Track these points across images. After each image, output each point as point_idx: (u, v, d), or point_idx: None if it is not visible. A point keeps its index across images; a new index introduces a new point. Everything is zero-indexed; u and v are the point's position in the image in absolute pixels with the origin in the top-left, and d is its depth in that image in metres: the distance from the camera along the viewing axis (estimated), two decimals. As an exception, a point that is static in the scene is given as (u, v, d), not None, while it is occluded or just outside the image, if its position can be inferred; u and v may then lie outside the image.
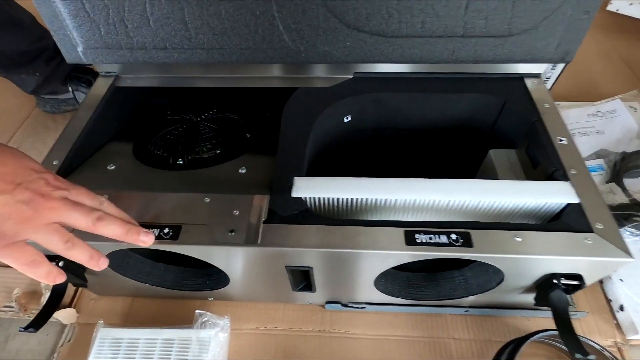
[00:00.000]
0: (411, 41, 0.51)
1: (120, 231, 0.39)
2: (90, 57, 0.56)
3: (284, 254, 0.45)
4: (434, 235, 0.43)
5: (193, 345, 0.55)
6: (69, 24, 0.52)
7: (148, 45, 0.53)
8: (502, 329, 0.60)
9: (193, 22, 0.50)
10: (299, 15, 0.49)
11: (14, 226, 0.34)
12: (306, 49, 0.53)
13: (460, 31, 0.50)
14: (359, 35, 0.51)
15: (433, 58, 0.53)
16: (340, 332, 0.61)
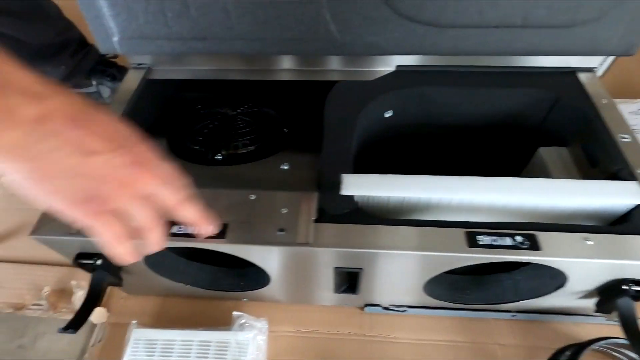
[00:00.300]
0: (465, 32, 0.49)
1: (197, 217, 0.37)
2: (125, 48, 0.54)
3: (335, 255, 0.43)
4: (498, 237, 0.40)
5: (231, 348, 0.53)
6: (106, 12, 0.50)
7: (186, 36, 0.51)
8: (550, 335, 0.57)
9: (236, 10, 0.48)
10: (350, 4, 0.47)
11: (111, 191, 0.31)
12: (352, 40, 0.50)
13: (519, 21, 0.47)
14: (411, 26, 0.48)
15: (486, 50, 0.50)
16: (381, 336, 0.58)
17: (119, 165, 0.31)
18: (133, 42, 0.53)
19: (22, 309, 0.62)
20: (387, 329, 0.59)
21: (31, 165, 0.29)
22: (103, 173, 0.30)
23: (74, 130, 0.29)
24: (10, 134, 0.27)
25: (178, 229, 0.43)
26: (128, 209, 0.32)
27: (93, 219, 0.31)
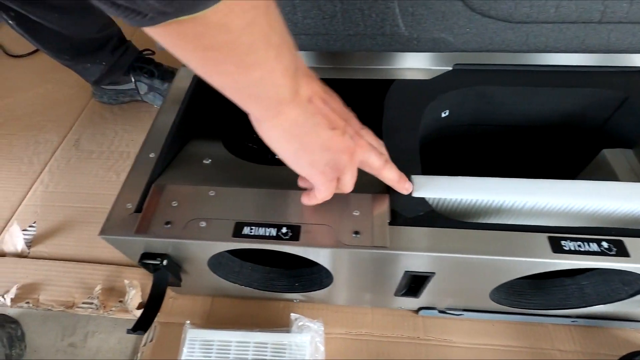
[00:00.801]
0: (539, 28, 0.47)
1: (397, 176, 0.41)
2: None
3: (409, 258, 0.42)
4: (583, 242, 0.39)
5: (289, 350, 0.52)
6: None
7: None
8: (611, 342, 0.56)
9: (303, 4, 0.47)
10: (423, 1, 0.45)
11: (345, 161, 0.37)
12: (419, 36, 0.49)
13: (597, 16, 0.45)
14: (482, 21, 0.47)
15: (560, 47, 0.49)
16: (436, 339, 0.57)
17: (348, 138, 0.36)
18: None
19: (72, 307, 0.61)
20: (443, 333, 0.58)
21: (302, 139, 0.35)
22: (341, 146, 0.36)
23: (325, 108, 0.35)
24: (294, 109, 0.34)
25: (249, 231, 0.42)
26: (353, 175, 0.39)
27: (329, 184, 0.39)
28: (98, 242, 0.69)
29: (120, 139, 0.86)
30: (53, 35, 0.71)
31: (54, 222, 0.73)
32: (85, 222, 0.72)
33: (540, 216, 0.45)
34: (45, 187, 0.78)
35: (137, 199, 0.45)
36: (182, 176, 0.49)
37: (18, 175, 0.81)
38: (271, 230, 0.42)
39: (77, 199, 0.76)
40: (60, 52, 0.75)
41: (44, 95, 0.98)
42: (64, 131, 0.89)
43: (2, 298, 0.62)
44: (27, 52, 1.09)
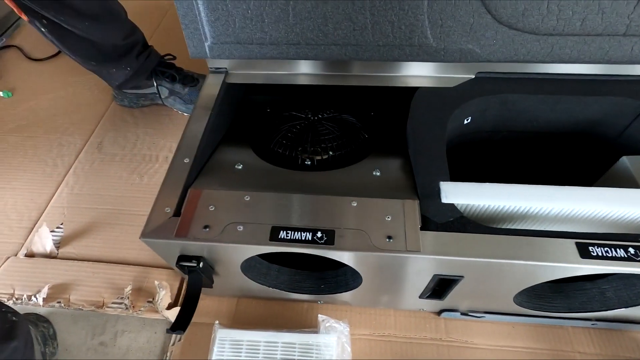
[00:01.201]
0: (564, 40, 0.49)
1: None
2: (216, 52, 0.55)
3: (441, 263, 0.43)
4: (610, 248, 0.41)
5: (319, 350, 0.54)
6: (204, 17, 0.50)
7: (281, 41, 0.52)
8: (631, 345, 0.57)
9: (335, 16, 0.48)
10: (450, 10, 0.47)
11: None
12: (447, 47, 0.51)
13: (622, 29, 0.47)
14: (510, 33, 0.48)
15: (584, 58, 0.50)
16: (458, 340, 0.59)
17: None
18: (225, 47, 0.54)
19: (102, 307, 0.63)
20: (464, 334, 0.59)
21: None
22: None
23: None
24: None
25: (285, 235, 0.44)
26: None
27: None
28: (124, 243, 0.71)
29: (142, 142, 0.88)
30: (82, 42, 0.73)
31: (80, 223, 0.74)
32: (111, 223, 0.74)
33: (565, 222, 0.47)
34: (70, 190, 0.80)
35: (175, 203, 0.47)
36: (216, 181, 0.51)
37: (43, 177, 0.82)
38: (307, 234, 0.44)
39: (102, 201, 0.78)
40: (87, 58, 0.77)
41: (65, 98, 0.99)
42: (86, 134, 0.90)
43: (34, 298, 0.63)
44: (46, 55, 1.11)
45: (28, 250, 0.71)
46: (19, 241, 0.72)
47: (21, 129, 0.92)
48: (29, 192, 0.80)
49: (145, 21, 0.86)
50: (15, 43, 1.15)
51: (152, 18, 1.20)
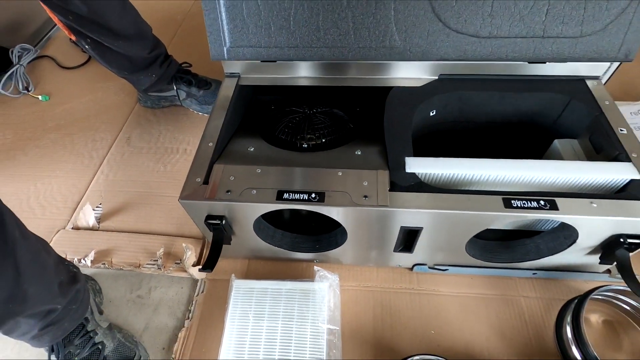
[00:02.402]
0: (500, 41, 0.64)
1: None
2: (232, 55, 0.70)
3: (403, 214, 0.57)
4: (526, 201, 0.55)
5: (314, 294, 0.68)
6: (225, 27, 0.66)
7: (283, 44, 0.67)
8: (565, 289, 0.72)
9: (325, 24, 0.64)
10: (411, 19, 0.62)
11: None
12: (412, 48, 0.66)
13: (540, 33, 0.62)
14: (458, 36, 0.63)
15: (517, 56, 0.65)
16: (427, 289, 0.73)
17: None
18: (239, 50, 0.68)
19: (139, 267, 0.77)
20: (432, 284, 0.74)
21: None
22: None
23: None
24: None
25: (288, 196, 0.58)
26: None
27: None
28: (154, 218, 0.86)
29: (164, 137, 1.03)
30: (117, 56, 0.88)
31: (116, 203, 0.89)
32: (141, 203, 0.89)
33: (500, 186, 0.61)
34: (105, 177, 0.95)
35: (204, 174, 0.61)
36: (234, 159, 0.65)
37: (82, 167, 0.97)
38: (304, 195, 0.58)
39: (133, 185, 0.92)
40: (122, 69, 0.92)
41: (95, 101, 1.15)
42: (116, 131, 1.05)
43: (83, 260, 0.78)
44: (76, 64, 1.27)
45: (74, 225, 0.85)
46: (65, 218, 0.87)
47: (60, 128, 1.07)
48: (70, 179, 0.95)
49: (162, 34, 1.01)
50: (48, 53, 1.31)
51: (168, 30, 1.36)
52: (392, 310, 0.71)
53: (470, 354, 0.66)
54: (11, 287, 0.49)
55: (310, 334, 0.65)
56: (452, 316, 0.70)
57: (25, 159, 1.01)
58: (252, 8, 0.64)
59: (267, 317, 0.67)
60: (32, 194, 0.92)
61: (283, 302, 0.68)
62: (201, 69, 1.09)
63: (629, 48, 0.65)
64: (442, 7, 0.62)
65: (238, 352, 0.64)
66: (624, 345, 0.65)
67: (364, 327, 0.69)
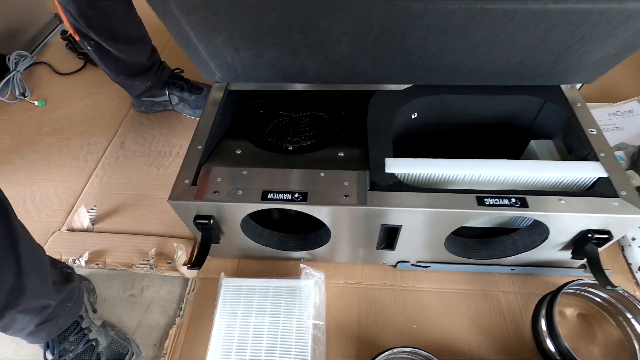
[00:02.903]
0: (470, 75, 0.68)
1: None
2: (223, 80, 0.74)
3: (383, 214, 0.60)
4: (498, 198, 0.58)
5: (300, 291, 0.70)
6: (210, 63, 0.69)
7: (271, 78, 0.71)
8: (542, 284, 0.74)
9: (307, 67, 0.68)
10: (389, 67, 0.67)
11: None
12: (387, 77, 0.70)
13: (509, 72, 0.66)
14: (432, 74, 0.69)
15: (485, 84, 0.70)
16: (410, 285, 0.76)
17: None
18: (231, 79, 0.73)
19: (132, 267, 0.80)
20: (415, 281, 0.76)
21: None
22: None
23: None
24: None
25: (272, 196, 0.61)
26: None
27: None
28: (147, 219, 0.88)
29: (157, 141, 1.05)
30: (117, 60, 0.91)
31: (110, 205, 0.91)
32: (135, 205, 0.91)
33: (477, 185, 0.64)
34: (100, 179, 0.97)
35: (192, 176, 0.64)
36: (222, 161, 0.68)
37: (77, 171, 1.00)
38: (287, 195, 0.61)
39: (127, 188, 0.95)
40: (119, 73, 0.95)
41: (90, 106, 1.17)
42: (110, 135, 1.08)
43: (77, 261, 0.80)
44: (72, 70, 1.29)
45: (69, 226, 0.87)
46: (61, 220, 0.89)
47: (56, 132, 1.10)
48: (66, 182, 0.97)
49: (155, 40, 1.04)
50: (44, 60, 1.34)
51: (162, 37, 1.39)
52: (376, 306, 0.73)
53: (451, 348, 0.68)
54: (13, 278, 0.51)
55: (296, 329, 0.67)
56: (433, 311, 0.72)
57: (22, 163, 1.03)
58: (235, 59, 0.68)
59: (254, 314, 0.69)
60: (28, 197, 0.95)
61: (270, 299, 0.71)
62: (193, 74, 1.12)
63: (590, 76, 0.70)
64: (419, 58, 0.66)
65: (226, 347, 0.66)
66: (598, 337, 0.68)
67: (348, 322, 0.71)
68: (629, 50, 0.62)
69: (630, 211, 0.56)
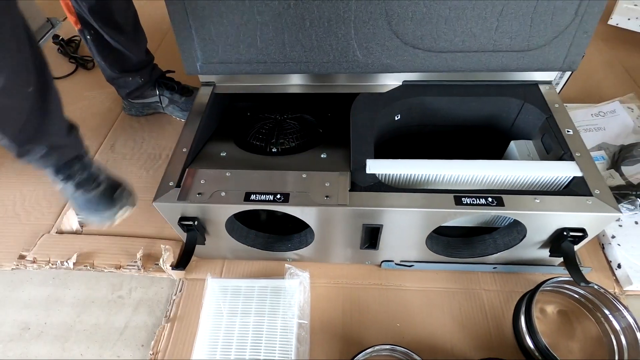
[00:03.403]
0: (453, 55, 0.68)
1: None
2: (205, 70, 0.74)
3: (363, 214, 0.61)
4: (476, 198, 0.59)
5: (285, 290, 0.72)
6: (196, 45, 0.70)
7: (253, 60, 0.71)
8: (523, 282, 0.76)
9: (290, 42, 0.68)
10: (370, 37, 0.66)
11: None
12: (372, 62, 0.70)
13: (491, 47, 0.66)
14: (415, 51, 0.68)
15: (470, 67, 0.70)
16: (394, 284, 0.77)
17: None
18: (212, 66, 0.73)
19: (120, 269, 0.80)
20: (399, 280, 0.77)
21: None
22: None
23: None
24: None
25: (255, 197, 0.62)
26: None
27: None
28: (135, 221, 0.89)
29: (147, 143, 1.06)
30: (116, 53, 0.94)
31: (99, 208, 0.92)
32: (124, 207, 0.92)
33: (457, 185, 0.65)
34: (89, 182, 0.98)
35: (177, 178, 0.65)
36: (206, 164, 0.69)
37: (67, 174, 1.00)
38: (269, 196, 0.62)
39: (116, 191, 0.96)
40: (114, 67, 0.97)
41: (81, 109, 1.18)
42: (101, 138, 1.09)
43: (66, 263, 0.81)
44: (64, 74, 1.30)
45: (58, 229, 0.88)
46: (50, 222, 0.90)
47: (46, 136, 1.11)
48: (56, 185, 0.98)
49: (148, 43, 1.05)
50: (36, 64, 1.34)
51: (154, 40, 1.40)
52: (360, 305, 0.75)
53: (433, 345, 0.69)
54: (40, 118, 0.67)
55: (280, 329, 0.68)
56: (417, 309, 0.73)
57: (12, 166, 1.04)
58: (220, 29, 0.69)
59: (240, 314, 0.70)
60: (18, 200, 0.96)
61: (255, 299, 0.72)
62: (184, 78, 1.13)
63: (572, 59, 0.69)
64: (399, 25, 0.67)
65: (211, 347, 0.67)
66: (577, 333, 0.69)
67: (333, 321, 0.72)
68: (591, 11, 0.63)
69: (602, 209, 0.57)
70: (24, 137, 0.66)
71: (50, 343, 0.74)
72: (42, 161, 0.72)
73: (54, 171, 0.75)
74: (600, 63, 1.21)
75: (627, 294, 0.74)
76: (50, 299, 0.79)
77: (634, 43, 1.25)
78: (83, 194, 0.74)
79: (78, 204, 0.76)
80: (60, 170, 0.74)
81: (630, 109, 0.98)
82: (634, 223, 0.79)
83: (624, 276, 0.73)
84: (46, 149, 0.69)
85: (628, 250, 0.76)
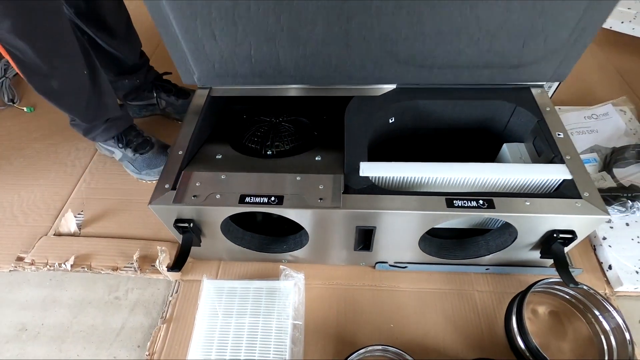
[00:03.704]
0: (445, 70, 0.69)
1: None
2: (202, 82, 0.76)
3: (357, 215, 0.62)
4: (467, 200, 0.60)
5: (280, 292, 0.72)
6: (190, 61, 0.71)
7: (248, 74, 0.72)
8: (515, 283, 0.76)
9: (284, 57, 0.69)
10: (364, 55, 0.68)
11: None
12: (366, 76, 0.71)
13: (482, 64, 0.68)
14: (407, 67, 0.69)
15: (461, 82, 0.72)
16: (388, 286, 0.78)
17: None
18: (207, 79, 0.74)
19: (117, 270, 0.81)
20: (393, 281, 0.78)
21: None
22: None
23: None
24: None
25: (250, 200, 0.63)
26: None
27: None
28: (132, 224, 0.90)
29: (144, 145, 1.07)
30: (110, 56, 0.95)
31: (97, 210, 0.93)
32: (121, 209, 0.93)
33: (449, 188, 0.66)
34: (87, 184, 0.99)
35: (173, 181, 0.66)
36: (202, 166, 0.70)
37: (65, 176, 1.01)
38: (264, 199, 0.63)
39: (113, 193, 0.96)
40: (108, 71, 0.98)
41: (79, 112, 1.19)
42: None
43: (64, 265, 0.81)
44: (61, 76, 1.31)
45: (56, 231, 0.89)
46: (48, 224, 0.91)
47: (44, 138, 1.11)
48: (53, 187, 0.99)
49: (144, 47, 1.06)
50: (34, 66, 1.35)
51: (150, 44, 1.41)
52: (354, 306, 0.75)
53: (426, 345, 0.70)
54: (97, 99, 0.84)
55: (275, 330, 0.69)
56: (410, 310, 0.74)
57: (10, 168, 1.05)
58: (213, 48, 0.70)
59: (235, 315, 0.71)
60: (16, 202, 0.96)
61: (251, 300, 0.73)
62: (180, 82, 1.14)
63: (561, 73, 0.71)
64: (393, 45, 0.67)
65: (206, 348, 0.68)
66: (568, 334, 0.70)
67: (327, 322, 0.73)
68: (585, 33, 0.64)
69: (591, 212, 0.58)
70: (90, 115, 0.83)
71: (47, 344, 0.74)
72: (105, 134, 0.89)
73: (115, 141, 0.91)
74: (593, 66, 1.22)
75: (617, 294, 0.75)
76: (47, 300, 0.80)
77: (627, 46, 1.26)
78: (142, 156, 0.94)
79: (138, 165, 0.95)
80: (120, 139, 0.92)
81: (623, 112, 0.99)
82: (625, 225, 0.80)
83: (614, 277, 0.74)
84: (106, 123, 0.85)
85: (619, 252, 0.77)
